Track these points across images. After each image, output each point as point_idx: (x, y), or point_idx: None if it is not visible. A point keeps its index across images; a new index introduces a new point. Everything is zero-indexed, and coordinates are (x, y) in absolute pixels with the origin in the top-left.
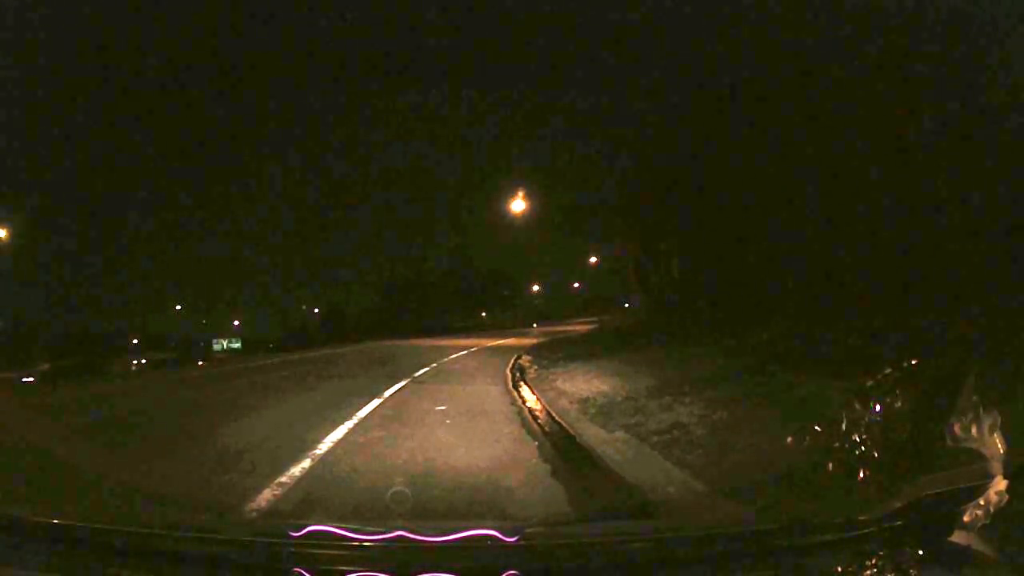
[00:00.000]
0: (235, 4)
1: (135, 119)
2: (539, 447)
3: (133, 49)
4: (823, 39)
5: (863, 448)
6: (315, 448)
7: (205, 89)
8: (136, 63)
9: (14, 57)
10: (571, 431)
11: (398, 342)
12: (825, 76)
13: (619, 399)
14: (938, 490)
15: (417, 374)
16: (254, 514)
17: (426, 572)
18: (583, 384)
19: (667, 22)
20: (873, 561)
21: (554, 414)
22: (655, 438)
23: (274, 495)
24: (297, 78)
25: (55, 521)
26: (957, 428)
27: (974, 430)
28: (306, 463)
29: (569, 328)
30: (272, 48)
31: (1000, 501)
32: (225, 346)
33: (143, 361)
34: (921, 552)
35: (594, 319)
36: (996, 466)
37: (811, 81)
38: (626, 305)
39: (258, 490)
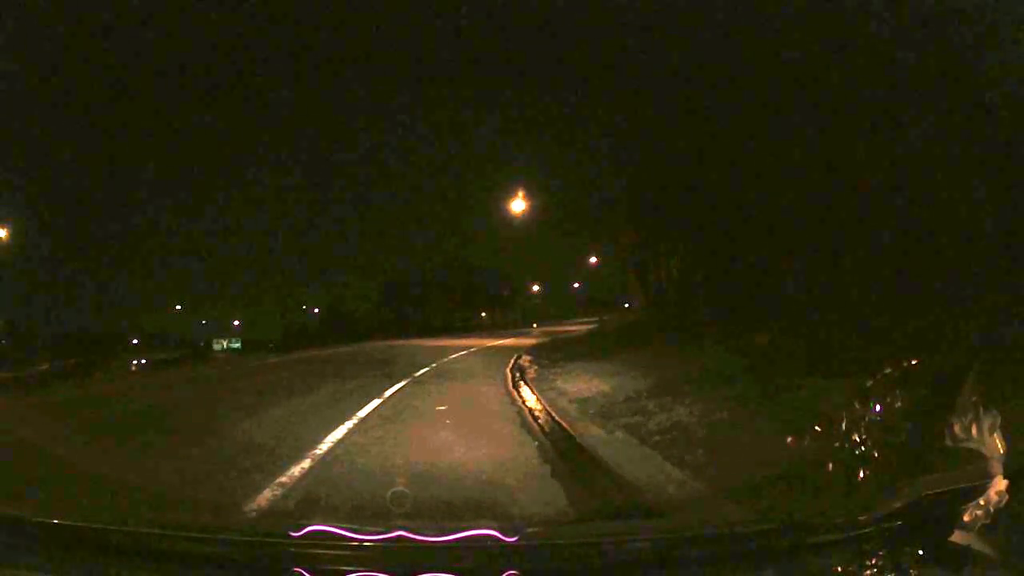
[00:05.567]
0: (235, 4)
1: (135, 119)
2: (539, 447)
3: (133, 49)
4: (823, 38)
5: (863, 448)
6: (315, 448)
7: (206, 90)
8: (137, 62)
9: (14, 57)
10: (571, 431)
11: (398, 342)
12: (825, 76)
13: (619, 399)
14: (938, 490)
15: (417, 374)
16: (254, 514)
17: (426, 572)
18: (583, 384)
19: (669, 22)
20: (873, 561)
21: (554, 414)
22: (655, 438)
23: (274, 495)
24: (298, 79)
25: (55, 521)
26: (957, 428)
27: (974, 430)
28: (306, 463)
29: (569, 328)
30: (273, 50)
31: (1000, 501)
32: (225, 346)
33: (143, 361)
34: (921, 552)
35: (594, 319)
36: (996, 466)
37: (811, 81)
38: (626, 305)
39: (258, 490)
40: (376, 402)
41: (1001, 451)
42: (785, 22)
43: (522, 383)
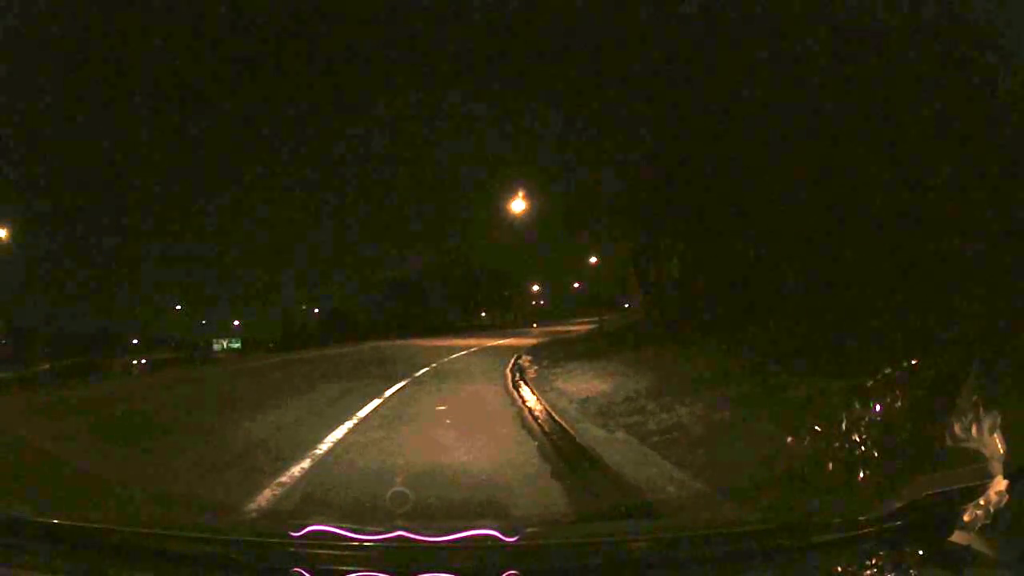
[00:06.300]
0: (235, 5)
1: (136, 119)
2: (539, 447)
3: (135, 48)
4: (824, 39)
5: (863, 448)
6: (315, 448)
7: (206, 91)
8: (138, 62)
9: (15, 58)
10: (571, 431)
11: (399, 342)
12: (826, 76)
13: (619, 399)
14: (938, 490)
15: (417, 374)
16: (254, 514)
17: (426, 572)
18: (583, 384)
19: (669, 23)
20: (873, 561)
21: (554, 414)
22: (655, 438)
23: (274, 495)
24: (298, 79)
25: (55, 521)
26: (957, 428)
27: (974, 430)
28: (306, 463)
29: (569, 328)
30: (273, 50)
31: (1000, 501)
32: (225, 346)
33: (143, 361)
34: (921, 552)
35: (594, 319)
36: (996, 466)
37: (812, 80)
38: (626, 305)
39: (258, 490)
40: (376, 402)
41: (1001, 451)
42: (786, 20)
43: (522, 383)
